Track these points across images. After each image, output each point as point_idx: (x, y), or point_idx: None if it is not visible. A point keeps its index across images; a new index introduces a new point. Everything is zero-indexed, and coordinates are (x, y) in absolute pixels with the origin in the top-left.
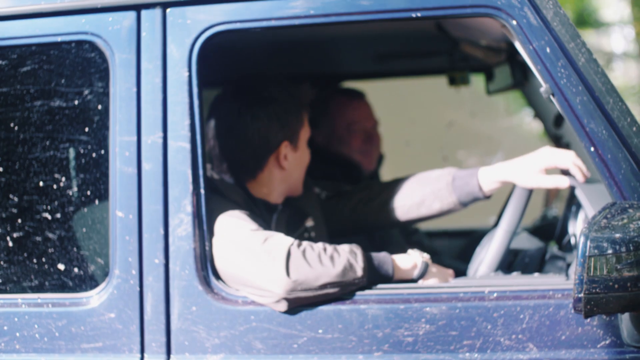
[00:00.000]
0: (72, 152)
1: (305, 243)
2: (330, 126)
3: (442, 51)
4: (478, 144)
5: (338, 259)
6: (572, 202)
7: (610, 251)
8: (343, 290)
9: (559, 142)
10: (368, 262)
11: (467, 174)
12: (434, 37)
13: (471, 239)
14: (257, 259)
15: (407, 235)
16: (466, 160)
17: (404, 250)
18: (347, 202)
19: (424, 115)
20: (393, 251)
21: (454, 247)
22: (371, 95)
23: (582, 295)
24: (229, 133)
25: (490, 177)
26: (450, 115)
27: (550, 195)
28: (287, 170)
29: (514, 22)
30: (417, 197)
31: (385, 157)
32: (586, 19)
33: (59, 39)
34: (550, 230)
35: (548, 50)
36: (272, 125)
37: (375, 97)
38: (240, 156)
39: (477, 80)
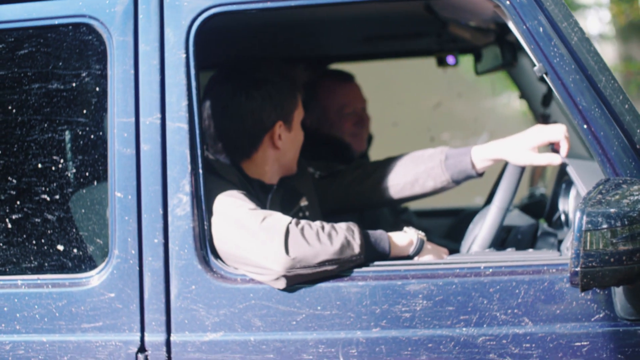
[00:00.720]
0: (70, 134)
1: (303, 221)
2: (320, 109)
3: (431, 32)
4: (465, 125)
5: (336, 237)
6: (562, 180)
7: (605, 226)
8: (341, 268)
9: (546, 121)
10: (365, 239)
11: (460, 152)
12: (422, 18)
13: (459, 218)
14: (256, 237)
15: (397, 214)
16: (451, 142)
17: (393, 229)
18: (340, 181)
19: (412, 96)
20: (383, 230)
21: (442, 226)
22: (359, 76)
23: (578, 269)
24: (224, 113)
25: (482, 155)
26: (438, 97)
27: (536, 174)
28: (281, 150)
29: (507, 3)
30: (411, 176)
31: (374, 139)
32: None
33: (56, 21)
34: (538, 208)
35: (541, 29)
36: (266, 105)
37: (363, 78)
38: (234, 136)
39: (464, 62)
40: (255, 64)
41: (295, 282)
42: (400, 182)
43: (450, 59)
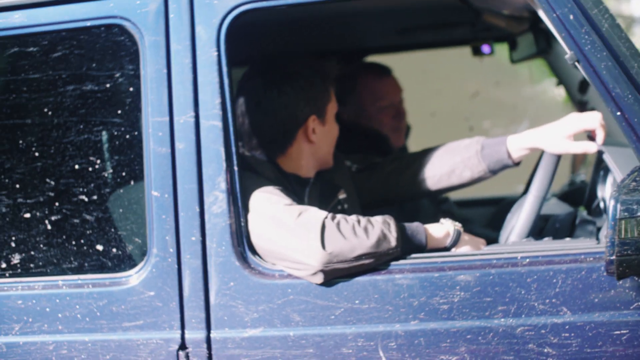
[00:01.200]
0: (106, 135)
1: (339, 216)
2: (358, 103)
3: (465, 22)
4: (503, 114)
5: (372, 230)
6: (600, 167)
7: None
8: (378, 261)
9: (584, 108)
10: (401, 232)
11: (496, 142)
12: (456, 8)
13: (500, 207)
14: (293, 232)
15: (437, 204)
16: (492, 130)
17: (434, 220)
18: (378, 174)
19: (449, 86)
20: (424, 221)
21: (483, 216)
22: (396, 67)
23: (614, 257)
24: (257, 109)
25: (518, 144)
26: (475, 86)
27: (577, 161)
28: (316, 144)
29: None
30: (447, 167)
31: (412, 129)
32: None
33: (88, 23)
34: (578, 195)
35: (571, 17)
36: (299, 99)
37: (400, 69)
38: (269, 132)
39: (500, 50)
40: (286, 59)
41: (333, 276)
42: (437, 173)
43: (485, 48)
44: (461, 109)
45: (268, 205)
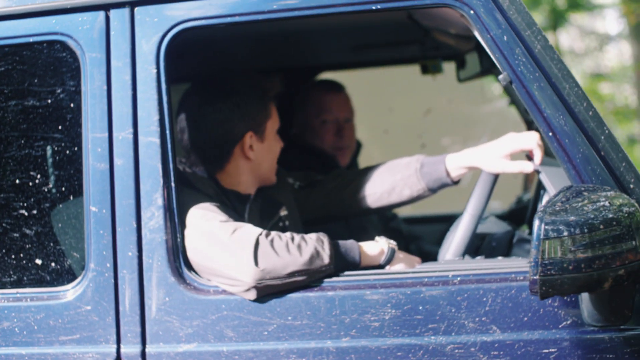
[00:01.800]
0: (46, 150)
1: (273, 233)
2: (304, 117)
3: (415, 40)
4: (456, 131)
5: (305, 248)
6: (542, 186)
7: (565, 234)
8: (311, 278)
9: (531, 127)
10: (335, 249)
11: (435, 160)
12: (406, 26)
13: (450, 224)
14: (226, 249)
15: (385, 221)
16: (445, 147)
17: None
18: (319, 191)
19: (402, 103)
20: (370, 238)
21: (433, 233)
22: (349, 84)
23: (537, 277)
24: (194, 126)
25: (456, 163)
26: (428, 103)
27: (529, 179)
28: (253, 161)
29: (472, 12)
30: (387, 185)
31: (364, 146)
32: (579, 2)
33: (31, 39)
34: (524, 213)
35: (505, 38)
36: (234, 116)
37: (354, 86)
38: (205, 148)
39: (451, 68)
40: (225, 76)
41: (266, 292)
42: (378, 190)
43: (434, 67)
44: (414, 126)
45: (203, 221)
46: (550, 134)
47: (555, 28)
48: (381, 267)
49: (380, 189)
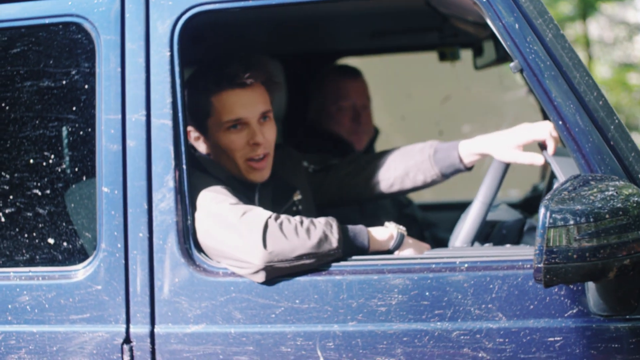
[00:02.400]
0: (60, 131)
1: (282, 216)
2: (321, 101)
3: (433, 27)
4: (475, 118)
5: (314, 231)
6: (555, 176)
7: (570, 222)
8: (319, 262)
9: (546, 116)
10: (343, 234)
11: (448, 146)
12: (424, 13)
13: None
14: (236, 231)
15: (400, 207)
16: (464, 135)
17: (396, 223)
18: (334, 175)
19: (420, 90)
20: (383, 224)
21: (448, 220)
22: (367, 70)
23: (541, 265)
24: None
25: (469, 149)
26: (447, 90)
27: (547, 167)
28: (212, 154)
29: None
30: (401, 170)
31: (382, 132)
32: None
33: (46, 21)
34: (538, 202)
35: (517, 26)
36: (189, 107)
37: (372, 72)
38: None
39: (469, 56)
40: (206, 65)
41: (274, 275)
42: (392, 176)
43: (452, 54)
44: (432, 113)
45: (214, 203)
46: (560, 122)
47: (584, 17)
48: (390, 252)
49: (394, 174)
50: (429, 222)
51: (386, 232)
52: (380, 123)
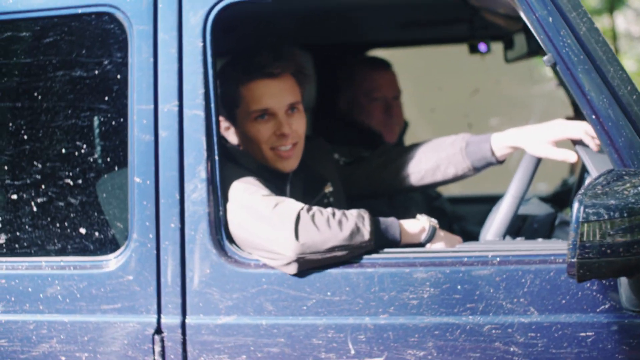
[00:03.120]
0: (92, 121)
1: (314, 208)
2: (351, 93)
3: (463, 19)
4: (504, 111)
5: (346, 223)
6: (587, 169)
7: (604, 217)
8: (351, 254)
9: (579, 110)
10: (375, 226)
11: (480, 139)
12: (455, 5)
13: (495, 205)
14: (268, 223)
15: (429, 200)
16: (492, 128)
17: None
18: (365, 168)
19: (450, 82)
20: (413, 216)
21: (477, 213)
22: (397, 62)
23: (574, 260)
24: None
25: (502, 142)
26: (476, 83)
27: (576, 162)
28: (241, 144)
29: None
30: (432, 163)
31: (411, 125)
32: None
33: (79, 10)
34: (568, 196)
35: (550, 19)
36: (220, 97)
37: (402, 64)
38: None
39: (500, 48)
40: (239, 55)
41: (306, 267)
42: (422, 168)
43: (482, 47)
44: (461, 106)
45: (246, 195)
46: (594, 116)
47: (612, 11)
48: (422, 245)
49: (425, 166)
50: (458, 215)
51: (418, 224)
52: (410, 116)
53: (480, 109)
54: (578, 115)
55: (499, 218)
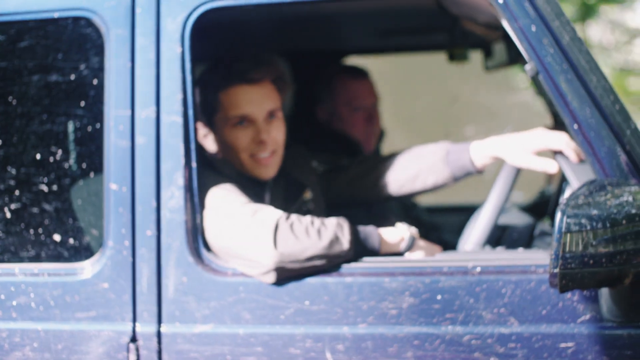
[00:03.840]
0: (68, 126)
1: (293, 216)
2: (331, 103)
3: (443, 27)
4: (481, 119)
5: (325, 232)
6: (565, 179)
7: (587, 227)
8: (330, 263)
9: (557, 118)
10: (354, 235)
11: (460, 148)
12: (434, 13)
13: (471, 215)
14: (246, 231)
15: (406, 210)
16: (470, 136)
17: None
18: (343, 175)
19: (427, 90)
20: (391, 225)
21: (456, 223)
22: (374, 70)
23: (557, 270)
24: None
25: (482, 152)
26: (454, 91)
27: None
28: (218, 150)
29: (501, 1)
30: (412, 171)
31: (388, 132)
32: None
33: (55, 14)
34: (546, 206)
35: (533, 28)
36: (201, 104)
37: (380, 71)
38: None
39: (479, 56)
40: (218, 61)
41: (284, 276)
42: (402, 177)
43: (461, 54)
44: (439, 114)
45: (224, 202)
46: (576, 126)
47: (584, 20)
48: (401, 254)
49: (405, 175)
50: (435, 224)
51: (397, 234)
52: (388, 123)
53: (458, 117)
54: (557, 124)
55: (478, 227)
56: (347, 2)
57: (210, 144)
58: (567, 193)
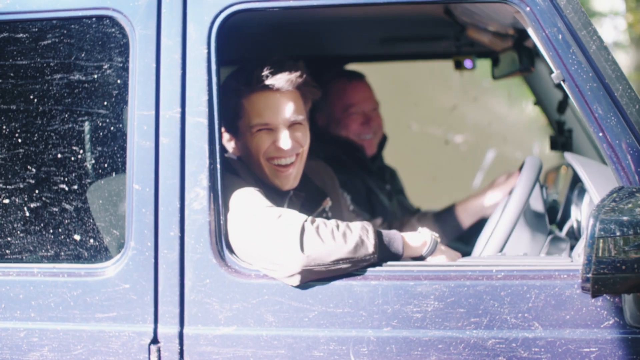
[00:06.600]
0: (91, 125)
1: (318, 220)
2: (329, 108)
3: (449, 36)
4: (479, 129)
5: (350, 236)
6: (574, 187)
7: (618, 233)
8: (355, 267)
9: (561, 128)
10: (379, 239)
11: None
12: (440, 21)
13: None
14: (272, 234)
15: (408, 214)
16: (466, 143)
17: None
18: None
19: (428, 98)
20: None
21: None
22: (376, 77)
23: (590, 275)
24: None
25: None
26: (453, 100)
27: (548, 180)
28: (242, 157)
29: (528, 9)
30: None
31: (388, 139)
32: None
33: (80, 13)
34: (550, 214)
35: (560, 37)
36: (225, 111)
37: (380, 79)
38: None
39: (480, 67)
40: (241, 67)
41: (309, 279)
42: None
43: (467, 63)
44: (438, 122)
45: (249, 205)
46: (601, 134)
47: None
48: (423, 258)
49: None
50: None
51: (420, 238)
52: (388, 130)
53: (458, 125)
54: (557, 133)
55: (499, 232)
56: (355, 7)
57: (234, 149)
58: (584, 200)
